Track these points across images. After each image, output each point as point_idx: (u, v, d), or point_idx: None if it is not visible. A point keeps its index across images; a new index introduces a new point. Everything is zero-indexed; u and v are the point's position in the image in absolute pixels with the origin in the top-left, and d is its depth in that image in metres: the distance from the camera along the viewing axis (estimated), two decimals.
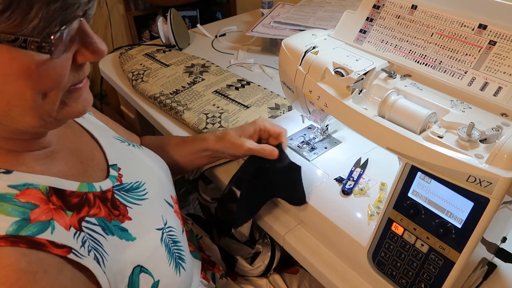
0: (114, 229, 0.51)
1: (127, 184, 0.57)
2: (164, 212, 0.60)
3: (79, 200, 0.48)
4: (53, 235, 0.43)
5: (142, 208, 0.56)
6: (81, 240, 0.45)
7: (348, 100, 0.58)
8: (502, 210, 0.48)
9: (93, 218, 0.49)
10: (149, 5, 2.10)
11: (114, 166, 0.57)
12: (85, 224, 0.47)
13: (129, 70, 1.19)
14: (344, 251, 0.66)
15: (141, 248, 0.52)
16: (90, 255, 0.45)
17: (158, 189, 0.62)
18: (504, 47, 0.52)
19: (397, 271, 0.57)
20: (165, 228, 0.58)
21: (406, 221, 0.54)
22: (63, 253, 0.42)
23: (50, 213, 0.44)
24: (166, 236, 0.57)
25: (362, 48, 0.65)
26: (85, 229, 0.47)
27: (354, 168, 0.72)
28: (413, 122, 0.52)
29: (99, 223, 0.49)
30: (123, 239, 0.51)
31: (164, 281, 0.53)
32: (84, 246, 0.45)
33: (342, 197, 0.68)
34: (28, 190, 0.44)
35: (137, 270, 0.50)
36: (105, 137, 0.61)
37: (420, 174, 0.51)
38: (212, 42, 1.42)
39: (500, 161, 0.44)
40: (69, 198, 0.47)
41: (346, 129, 0.83)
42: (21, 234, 0.40)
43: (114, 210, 0.52)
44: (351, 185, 0.69)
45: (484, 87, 0.53)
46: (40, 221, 0.42)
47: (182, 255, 0.59)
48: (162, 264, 0.54)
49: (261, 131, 0.72)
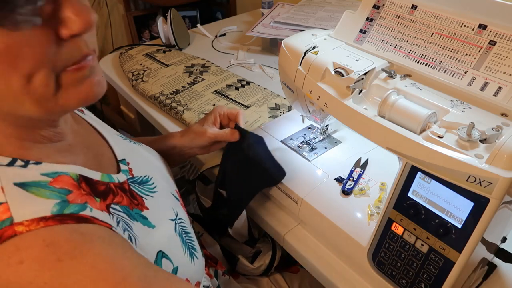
0: (137, 216, 0.52)
1: (138, 177, 0.58)
2: (174, 205, 0.61)
3: (105, 188, 0.50)
4: (92, 213, 0.44)
5: (155, 200, 0.57)
6: (115, 220, 0.47)
7: (348, 100, 0.58)
8: (502, 210, 0.48)
9: (118, 206, 0.50)
10: (149, 5, 2.10)
11: (123, 161, 0.58)
12: (112, 210, 0.48)
13: (129, 70, 1.19)
14: (344, 251, 0.66)
15: (160, 235, 0.54)
16: (125, 234, 0.46)
17: (165, 183, 0.63)
18: (504, 47, 0.52)
19: (397, 271, 0.57)
20: (177, 219, 0.59)
21: (406, 221, 0.54)
22: (107, 226, 0.44)
23: (83, 197, 0.45)
24: (178, 227, 0.59)
25: (362, 48, 0.65)
26: (113, 213, 0.48)
27: (354, 168, 0.72)
28: (413, 122, 0.52)
29: (123, 210, 0.50)
30: (146, 225, 0.52)
31: (182, 268, 0.54)
32: (119, 226, 0.46)
33: (342, 197, 0.68)
34: (60, 177, 0.45)
35: (160, 255, 0.52)
36: (110, 134, 0.62)
37: (420, 174, 0.51)
38: (212, 42, 1.42)
39: (500, 161, 0.44)
40: (96, 185, 0.49)
41: (346, 129, 0.83)
42: (66, 213, 0.41)
43: (133, 199, 0.53)
44: (351, 185, 0.69)
45: (484, 87, 0.53)
46: (78, 203, 0.44)
47: (194, 245, 0.61)
48: (179, 252, 0.56)
49: (221, 116, 0.74)
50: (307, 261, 0.69)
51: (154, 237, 0.52)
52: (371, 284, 0.63)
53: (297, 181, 0.72)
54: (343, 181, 0.71)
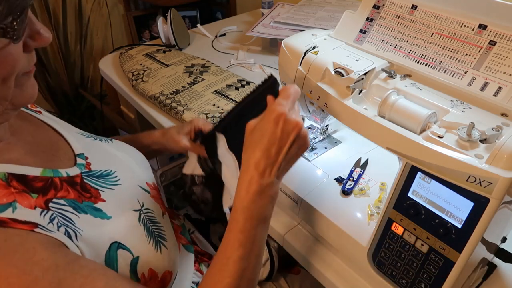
0: (87, 209, 0.52)
1: (96, 171, 0.58)
2: (140, 197, 0.62)
3: (44, 184, 0.49)
4: (14, 214, 0.43)
5: (115, 192, 0.58)
6: (48, 217, 0.46)
7: (348, 100, 0.58)
8: (502, 210, 0.48)
9: (62, 200, 0.50)
10: (149, 5, 2.10)
11: (81, 155, 0.59)
12: (53, 204, 0.48)
13: (129, 70, 1.19)
14: (344, 251, 0.66)
15: (118, 226, 0.54)
16: (60, 230, 0.46)
17: (131, 177, 0.64)
18: (504, 47, 0.52)
19: (397, 271, 0.57)
20: (142, 209, 0.60)
21: (406, 221, 0.54)
22: (28, 228, 0.43)
23: (11, 196, 0.45)
24: (144, 216, 0.59)
25: (362, 48, 0.65)
26: (53, 208, 0.48)
27: (354, 168, 0.72)
28: (413, 122, 0.52)
29: (69, 204, 0.50)
30: (98, 217, 0.52)
31: (144, 257, 0.54)
32: (52, 223, 0.46)
33: (342, 197, 0.68)
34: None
35: (114, 246, 0.52)
36: (69, 131, 0.63)
37: (420, 174, 0.51)
38: (212, 42, 1.42)
39: (500, 161, 0.44)
40: (32, 182, 0.48)
41: (346, 129, 0.83)
42: None
43: (85, 192, 0.54)
44: (351, 185, 0.69)
45: (484, 87, 0.53)
46: (1, 203, 0.43)
47: (163, 235, 0.60)
48: (141, 241, 0.55)
49: (195, 129, 0.77)
50: (307, 261, 0.69)
51: (110, 228, 0.52)
52: (371, 284, 0.63)
53: (297, 181, 0.72)
54: (343, 181, 0.71)
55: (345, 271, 0.66)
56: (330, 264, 0.67)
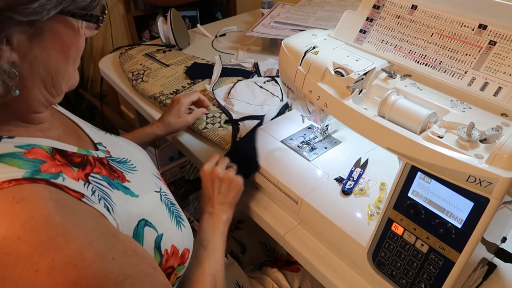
0: (118, 186, 0.54)
1: (116, 157, 0.61)
2: (156, 181, 0.65)
3: (81, 160, 0.52)
4: (64, 182, 0.46)
5: (136, 176, 0.60)
6: (91, 189, 0.49)
7: (348, 100, 0.58)
8: (502, 210, 0.48)
9: (98, 175, 0.52)
10: (149, 5, 2.10)
11: (100, 144, 0.61)
12: (92, 178, 0.51)
13: (129, 70, 1.19)
14: (344, 251, 0.66)
15: (145, 204, 0.56)
16: (101, 203, 0.48)
17: (144, 165, 0.66)
18: (504, 47, 0.52)
19: (397, 271, 0.57)
20: (161, 191, 0.63)
21: (406, 221, 0.54)
22: (77, 196, 0.46)
23: (58, 167, 0.47)
24: (164, 197, 0.62)
25: (362, 48, 0.65)
26: (92, 182, 0.50)
27: (354, 168, 0.72)
28: (413, 122, 0.52)
29: (104, 179, 0.53)
30: (128, 194, 0.55)
31: (167, 235, 0.57)
32: (94, 195, 0.48)
33: (342, 197, 0.68)
34: (34, 149, 0.47)
35: (142, 223, 0.54)
36: (85, 124, 0.66)
37: (420, 174, 0.51)
38: (212, 42, 1.42)
39: (500, 161, 0.44)
40: (72, 157, 0.51)
41: (346, 129, 0.83)
42: (37, 177, 0.43)
43: (113, 172, 0.56)
44: (351, 185, 0.69)
45: (484, 87, 0.53)
46: (51, 172, 0.46)
47: (181, 215, 0.64)
48: (165, 220, 0.59)
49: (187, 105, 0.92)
50: (307, 261, 0.69)
51: (138, 206, 0.55)
52: (371, 284, 0.63)
53: (297, 181, 0.72)
54: (343, 181, 0.71)
55: (345, 271, 0.66)
56: (330, 264, 0.67)
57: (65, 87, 0.52)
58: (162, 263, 0.56)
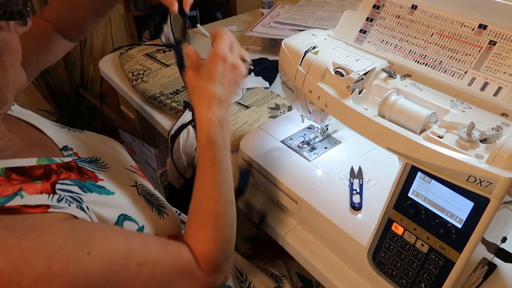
0: (91, 187, 0.53)
1: (85, 158, 0.60)
2: (131, 176, 0.64)
3: (44, 171, 0.50)
4: (23, 200, 0.44)
5: (108, 173, 0.59)
6: (56, 199, 0.47)
7: (348, 100, 0.58)
8: (502, 210, 0.48)
9: (67, 180, 0.51)
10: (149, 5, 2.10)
11: (66, 147, 0.60)
12: (59, 186, 0.49)
13: (129, 70, 1.19)
14: (344, 251, 0.66)
15: (121, 199, 0.56)
16: (72, 205, 0.47)
17: (115, 161, 0.65)
18: (504, 47, 0.52)
19: (397, 271, 0.57)
20: (138, 185, 0.62)
21: (406, 221, 0.54)
22: (40, 211, 0.44)
23: (15, 186, 0.45)
24: (141, 190, 0.61)
25: (362, 48, 0.65)
26: (59, 191, 0.48)
27: (352, 179, 0.71)
28: (413, 122, 0.52)
29: (74, 183, 0.51)
30: (103, 194, 0.54)
31: (148, 226, 0.57)
32: (62, 201, 0.47)
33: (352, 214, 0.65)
34: None
35: (121, 218, 0.54)
36: (46, 125, 0.63)
37: (420, 174, 0.51)
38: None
39: (500, 161, 0.44)
40: (32, 171, 0.49)
41: (346, 129, 0.83)
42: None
43: (83, 174, 0.55)
44: (359, 199, 0.67)
45: (484, 87, 0.53)
46: (6, 195, 0.44)
47: (162, 204, 0.63)
48: (144, 211, 0.58)
49: None
50: (307, 261, 0.69)
51: (114, 202, 0.55)
52: (371, 284, 0.63)
53: (297, 181, 0.72)
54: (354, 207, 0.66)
55: (345, 271, 0.66)
56: (330, 264, 0.67)
57: (10, 95, 0.48)
58: None
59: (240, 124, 0.95)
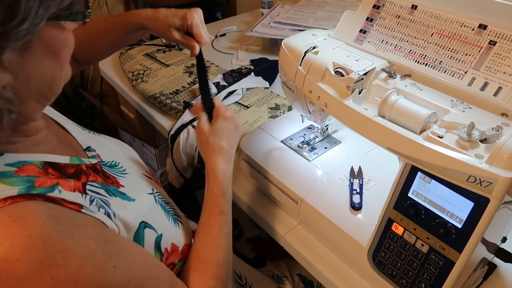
0: (115, 192, 0.54)
1: (107, 162, 0.60)
2: (148, 182, 0.64)
3: (75, 170, 0.51)
4: (61, 195, 0.45)
5: (127, 179, 0.60)
6: (89, 199, 0.48)
7: (348, 100, 0.58)
8: (502, 210, 0.48)
9: (94, 183, 0.52)
10: (149, 5, 2.10)
11: (89, 148, 0.61)
12: (89, 187, 0.50)
13: (129, 70, 1.19)
14: (344, 251, 0.66)
15: (142, 207, 0.57)
16: (100, 211, 0.48)
17: (133, 167, 0.66)
18: (504, 47, 0.52)
19: (397, 271, 0.57)
20: (154, 193, 0.63)
21: (406, 221, 0.54)
22: (76, 208, 0.45)
23: (53, 180, 0.46)
24: (158, 198, 0.62)
25: (362, 48, 0.65)
26: (89, 192, 0.50)
27: (352, 179, 0.71)
28: (413, 122, 0.52)
29: (101, 186, 0.52)
30: (125, 200, 0.55)
31: (166, 234, 0.58)
32: (93, 204, 0.48)
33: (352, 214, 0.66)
34: (25, 166, 0.46)
35: (142, 225, 0.55)
36: (70, 126, 0.64)
37: (420, 174, 0.51)
38: (212, 42, 1.42)
39: (500, 161, 0.44)
40: (65, 169, 0.50)
41: (346, 129, 0.83)
42: (33, 193, 0.42)
43: (107, 179, 0.56)
44: (358, 199, 0.67)
45: (484, 87, 0.53)
46: (46, 186, 0.45)
47: (177, 213, 0.65)
48: (162, 220, 0.59)
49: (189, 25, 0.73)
50: (307, 261, 0.69)
51: (136, 209, 0.55)
52: (371, 284, 0.63)
53: (297, 181, 0.72)
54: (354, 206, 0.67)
55: (345, 271, 0.66)
56: (330, 264, 0.67)
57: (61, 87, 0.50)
58: (162, 261, 0.57)
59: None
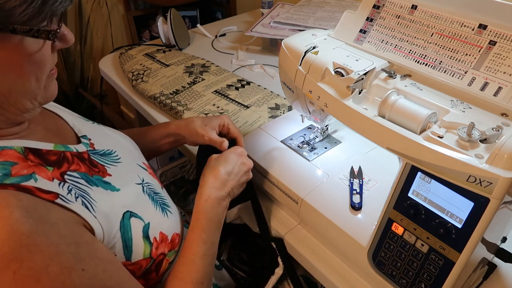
0: (97, 182, 0.54)
1: (100, 150, 0.61)
2: (140, 173, 0.65)
3: (57, 158, 0.52)
4: (37, 183, 0.45)
5: (118, 168, 0.61)
6: (66, 188, 0.48)
7: (348, 100, 0.58)
8: (502, 210, 0.48)
9: (75, 173, 0.52)
10: (149, 5, 2.10)
11: (84, 137, 0.62)
12: (68, 176, 0.51)
13: (129, 70, 1.19)
14: (344, 251, 0.66)
15: (127, 196, 0.57)
16: (78, 201, 0.48)
17: (129, 156, 0.67)
18: (504, 47, 0.52)
19: (397, 271, 0.57)
20: (144, 183, 0.63)
21: (406, 221, 0.54)
22: (50, 198, 0.45)
23: (30, 168, 0.47)
24: (146, 188, 0.63)
25: (362, 48, 0.65)
26: (68, 180, 0.50)
27: (352, 179, 0.71)
28: (413, 122, 0.52)
29: (82, 177, 0.53)
30: (108, 189, 0.55)
31: (154, 223, 0.59)
32: (71, 193, 0.48)
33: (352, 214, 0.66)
34: (4, 151, 0.47)
35: (127, 215, 0.55)
36: (69, 115, 0.65)
37: (420, 174, 0.51)
38: (212, 42, 1.42)
39: (500, 161, 0.44)
40: (47, 156, 0.51)
41: (346, 129, 0.83)
42: (6, 183, 0.43)
43: (93, 167, 0.56)
44: (358, 199, 0.67)
45: (484, 87, 0.53)
46: (22, 174, 0.45)
47: (166, 202, 0.65)
48: (149, 209, 0.60)
49: (224, 126, 0.76)
50: (307, 261, 0.69)
51: (120, 199, 0.56)
52: (371, 284, 0.63)
53: (297, 181, 0.72)
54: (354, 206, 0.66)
55: (345, 271, 0.66)
56: (330, 264, 0.67)
57: (29, 104, 0.49)
58: (152, 251, 0.57)
59: (240, 124, 0.95)
